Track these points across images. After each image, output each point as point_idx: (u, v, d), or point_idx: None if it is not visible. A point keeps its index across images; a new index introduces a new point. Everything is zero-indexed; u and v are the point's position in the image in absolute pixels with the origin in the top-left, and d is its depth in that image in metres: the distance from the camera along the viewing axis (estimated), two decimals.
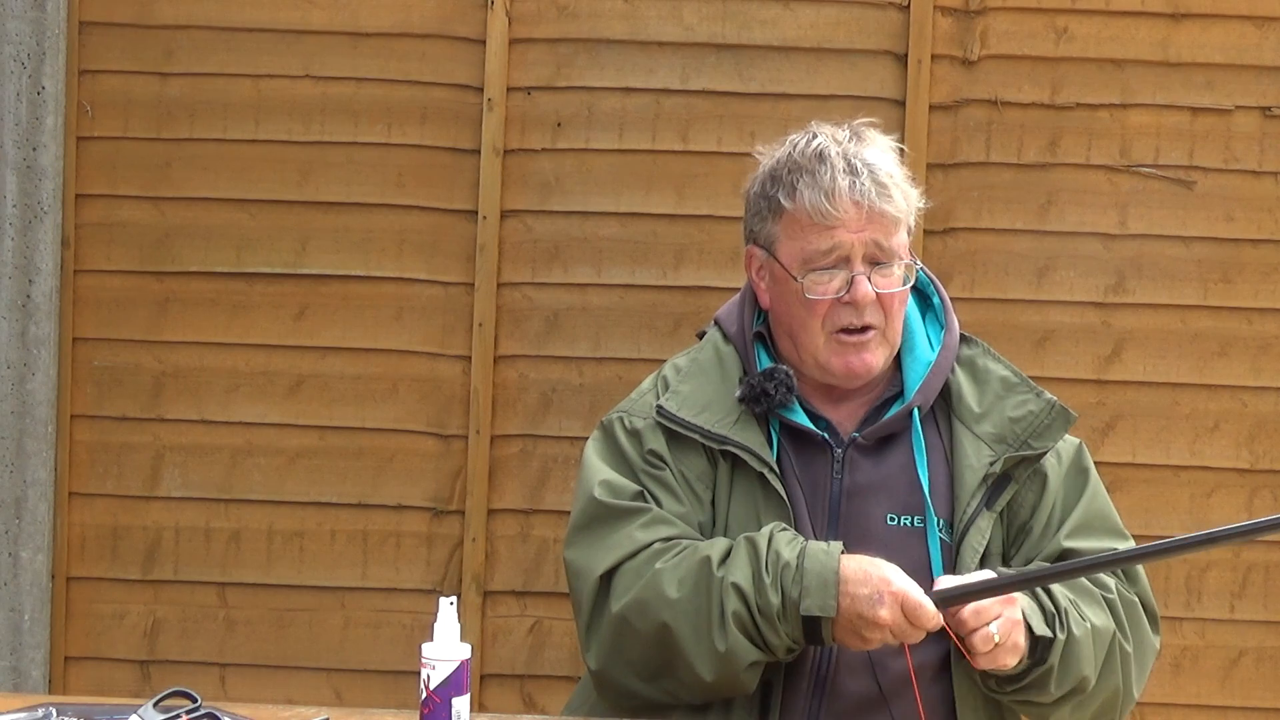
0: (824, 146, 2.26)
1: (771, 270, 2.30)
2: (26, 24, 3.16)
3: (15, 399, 3.19)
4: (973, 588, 2.13)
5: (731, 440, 2.26)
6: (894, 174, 2.27)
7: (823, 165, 2.24)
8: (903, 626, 2.09)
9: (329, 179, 3.22)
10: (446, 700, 1.87)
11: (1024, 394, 2.31)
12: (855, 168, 2.24)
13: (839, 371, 2.28)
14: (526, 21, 3.21)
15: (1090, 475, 2.34)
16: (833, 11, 3.18)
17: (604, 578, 2.22)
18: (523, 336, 3.22)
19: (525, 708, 3.23)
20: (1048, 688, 2.15)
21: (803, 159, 2.26)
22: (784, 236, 2.28)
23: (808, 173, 2.25)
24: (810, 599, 2.10)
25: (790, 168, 2.27)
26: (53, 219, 3.20)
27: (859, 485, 2.27)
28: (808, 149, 2.27)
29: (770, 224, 2.30)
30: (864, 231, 2.24)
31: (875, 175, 2.24)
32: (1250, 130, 3.16)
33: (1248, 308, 3.16)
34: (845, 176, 2.23)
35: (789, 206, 2.26)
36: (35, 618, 3.21)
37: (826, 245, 2.24)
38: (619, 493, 2.27)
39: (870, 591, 2.09)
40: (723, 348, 2.36)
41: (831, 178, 2.23)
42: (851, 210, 2.23)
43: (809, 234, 2.25)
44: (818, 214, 2.23)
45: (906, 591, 2.09)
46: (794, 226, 2.26)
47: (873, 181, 2.23)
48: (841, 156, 2.25)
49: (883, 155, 2.28)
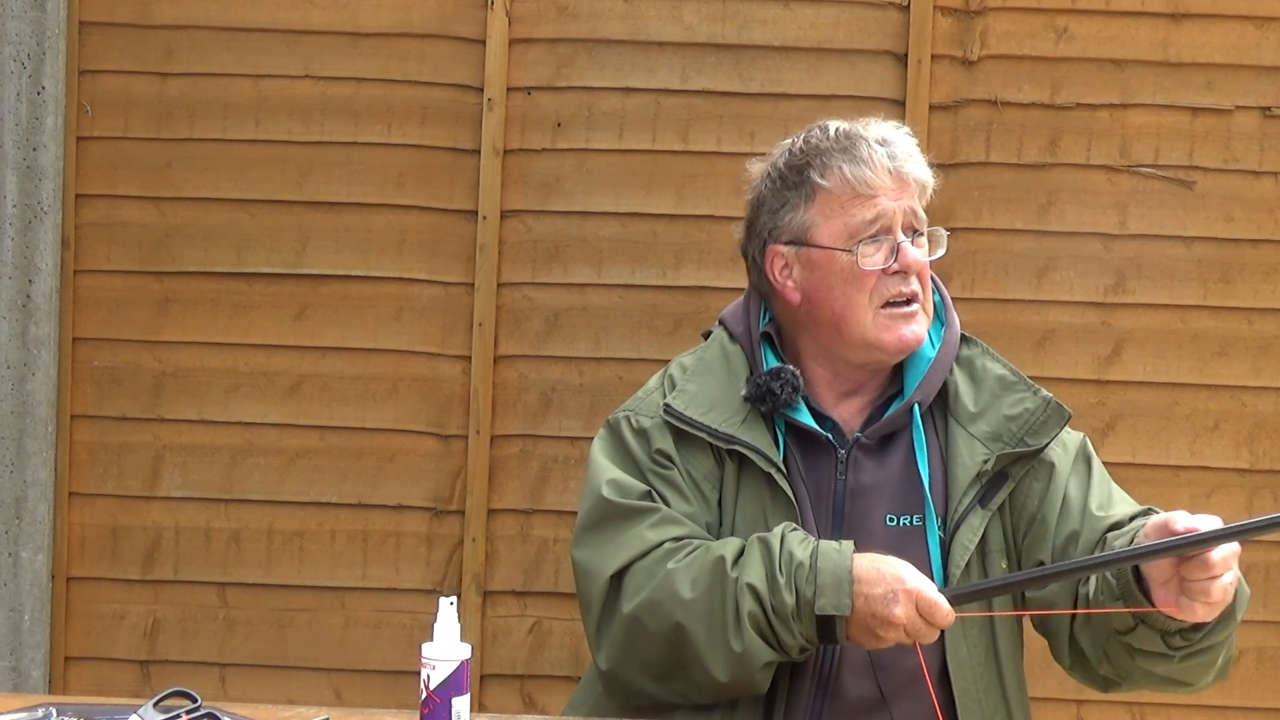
0: (845, 128, 2.31)
1: (806, 260, 2.30)
2: (26, 24, 3.16)
3: (15, 399, 3.19)
4: (984, 585, 2.15)
5: (739, 439, 2.26)
6: (912, 144, 2.33)
7: (852, 142, 2.28)
8: (917, 625, 2.09)
9: (329, 179, 3.22)
10: (446, 700, 1.87)
11: (1021, 392, 2.31)
12: (884, 139, 2.29)
13: (892, 346, 2.28)
14: (526, 21, 3.21)
15: (1093, 462, 2.35)
16: (833, 11, 3.18)
17: (615, 578, 2.21)
18: (523, 336, 3.22)
19: (525, 708, 3.23)
20: (1224, 630, 2.16)
21: (826, 142, 2.30)
22: (821, 217, 2.28)
23: (839, 150, 2.28)
24: (825, 598, 2.10)
25: (816, 153, 2.30)
26: (53, 219, 3.20)
27: (862, 486, 2.27)
28: (829, 134, 2.31)
29: (801, 211, 2.30)
30: (901, 199, 2.28)
31: (903, 144, 2.30)
32: (1250, 130, 3.16)
33: (1248, 308, 3.17)
34: (879, 147, 2.28)
35: (826, 184, 2.27)
36: (35, 618, 3.21)
37: (871, 214, 2.26)
38: (627, 492, 2.27)
39: (885, 590, 2.09)
40: (729, 347, 2.36)
41: (868, 151, 2.27)
42: (889, 178, 2.27)
43: (851, 207, 2.27)
44: (861, 184, 2.26)
45: (921, 589, 2.09)
46: (832, 204, 2.28)
47: (902, 150, 2.29)
48: (866, 131, 2.30)
49: (896, 131, 2.33)
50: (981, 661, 2.25)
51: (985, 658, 2.26)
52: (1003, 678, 2.27)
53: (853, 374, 2.33)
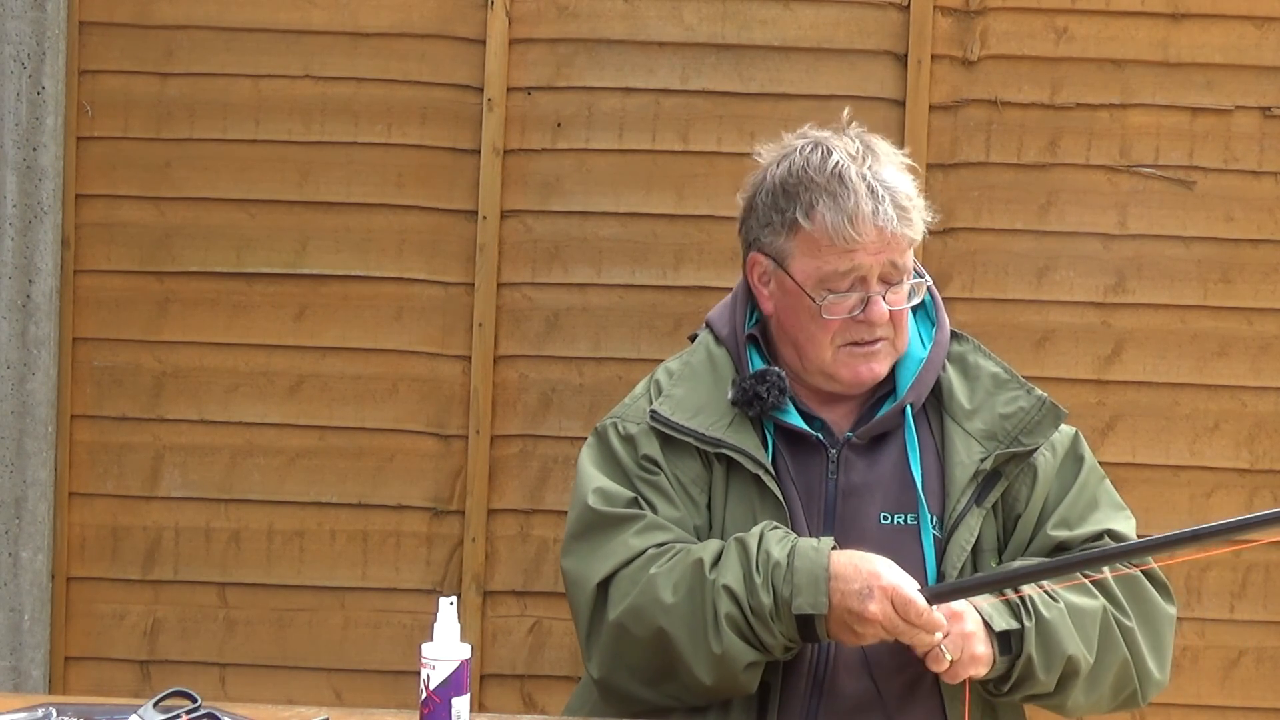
0: (842, 166, 2.24)
1: (780, 282, 2.29)
2: (26, 24, 3.16)
3: (15, 399, 3.19)
4: (964, 584, 2.14)
5: (726, 443, 2.26)
6: (911, 195, 2.26)
7: (844, 188, 2.22)
8: (894, 621, 2.09)
9: (329, 179, 3.22)
10: (446, 700, 1.87)
11: (1014, 390, 2.31)
12: (877, 192, 2.22)
13: (847, 380, 2.28)
14: (526, 21, 3.21)
15: (1084, 462, 2.34)
16: (833, 11, 3.18)
17: (601, 586, 2.22)
18: (523, 336, 3.22)
19: (525, 708, 3.23)
20: (1036, 676, 2.14)
21: (820, 178, 2.24)
22: (799, 254, 2.26)
23: (828, 194, 2.22)
24: (801, 597, 2.10)
25: (806, 185, 2.24)
26: (53, 219, 3.20)
27: (854, 485, 2.27)
28: (825, 167, 2.24)
29: (783, 239, 2.27)
30: (882, 254, 2.23)
31: (896, 199, 2.23)
32: (1250, 130, 3.16)
33: (1248, 308, 3.16)
34: (869, 201, 2.21)
35: (808, 226, 2.24)
36: (35, 618, 3.21)
37: (845, 267, 2.23)
38: (613, 500, 2.27)
39: (860, 586, 2.09)
40: (714, 350, 2.36)
41: (855, 203, 2.21)
42: (873, 234, 2.22)
43: (827, 255, 2.24)
44: (840, 237, 2.22)
45: (897, 586, 2.09)
46: (811, 246, 2.25)
47: (895, 206, 2.22)
48: (862, 178, 2.23)
49: (899, 175, 2.27)
50: None
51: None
52: None
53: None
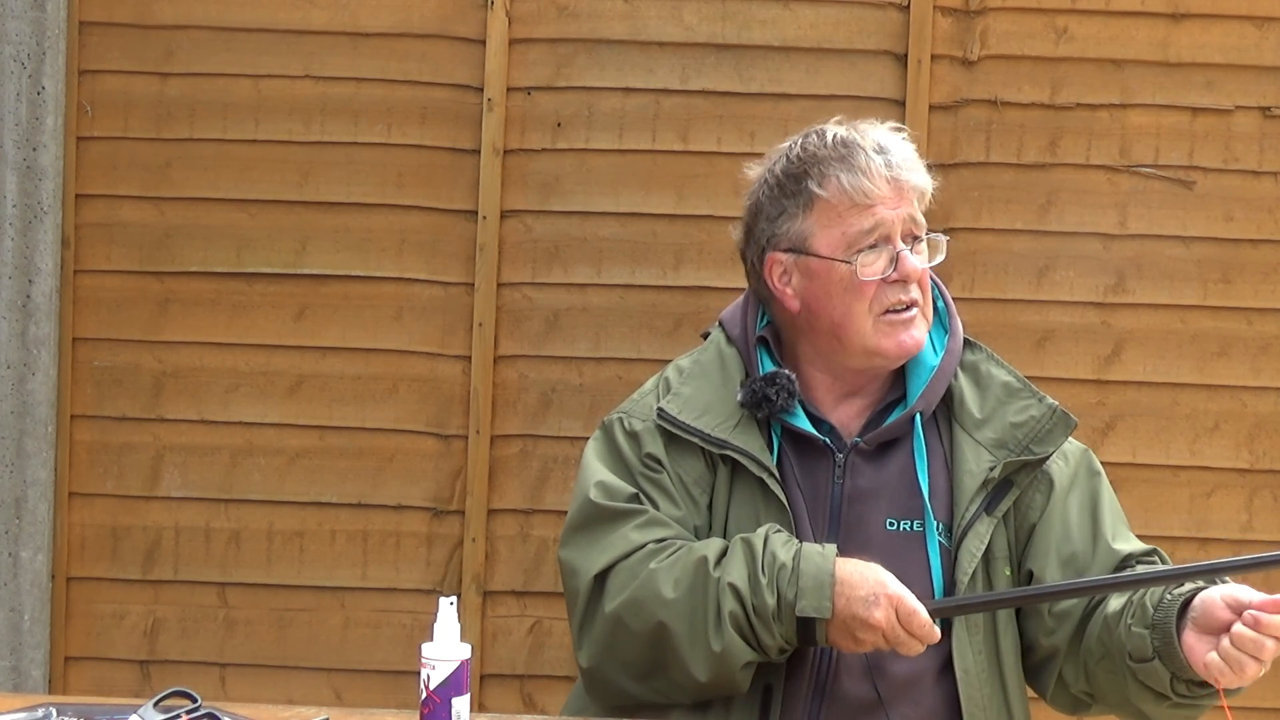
0: (844, 135, 2.29)
1: (805, 268, 2.29)
2: (26, 24, 3.16)
3: (15, 399, 3.19)
4: (968, 600, 2.16)
5: (731, 445, 2.26)
6: (911, 149, 2.31)
7: (850, 150, 2.26)
8: (896, 631, 2.09)
9: (329, 179, 3.22)
10: (446, 700, 1.87)
11: (1026, 399, 2.30)
12: (882, 146, 2.27)
13: (892, 352, 2.28)
14: (526, 21, 3.21)
15: (1103, 479, 2.34)
16: (833, 11, 3.18)
17: (599, 577, 2.22)
18: (523, 336, 3.22)
19: (525, 708, 3.23)
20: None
21: (824, 150, 2.27)
22: (819, 227, 2.27)
23: (837, 159, 2.26)
24: (806, 600, 2.10)
25: (813, 160, 2.27)
26: (53, 219, 3.20)
27: (860, 490, 2.27)
28: (826, 141, 2.28)
29: (800, 220, 2.28)
30: (900, 207, 2.26)
31: (901, 150, 2.28)
32: (1250, 130, 3.16)
33: (1248, 308, 3.16)
34: (877, 155, 2.25)
35: (824, 194, 2.26)
36: (35, 618, 3.21)
37: (869, 224, 2.25)
38: (615, 494, 2.27)
39: (866, 593, 2.10)
40: (725, 350, 2.35)
41: (865, 159, 2.25)
42: (887, 187, 2.25)
43: (849, 217, 2.25)
44: (858, 194, 2.24)
45: (902, 596, 2.10)
46: (831, 214, 2.26)
47: (901, 157, 2.27)
48: (864, 138, 2.28)
49: (892, 136, 2.31)
50: (985, 665, 2.25)
51: (988, 661, 2.26)
52: (1004, 680, 2.27)
53: (852, 377, 2.32)
